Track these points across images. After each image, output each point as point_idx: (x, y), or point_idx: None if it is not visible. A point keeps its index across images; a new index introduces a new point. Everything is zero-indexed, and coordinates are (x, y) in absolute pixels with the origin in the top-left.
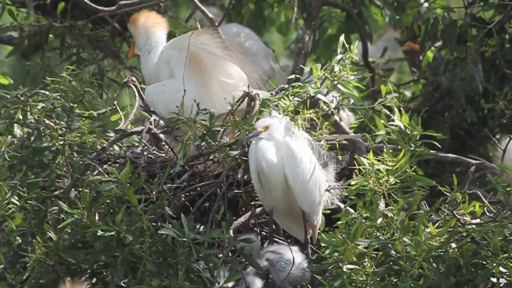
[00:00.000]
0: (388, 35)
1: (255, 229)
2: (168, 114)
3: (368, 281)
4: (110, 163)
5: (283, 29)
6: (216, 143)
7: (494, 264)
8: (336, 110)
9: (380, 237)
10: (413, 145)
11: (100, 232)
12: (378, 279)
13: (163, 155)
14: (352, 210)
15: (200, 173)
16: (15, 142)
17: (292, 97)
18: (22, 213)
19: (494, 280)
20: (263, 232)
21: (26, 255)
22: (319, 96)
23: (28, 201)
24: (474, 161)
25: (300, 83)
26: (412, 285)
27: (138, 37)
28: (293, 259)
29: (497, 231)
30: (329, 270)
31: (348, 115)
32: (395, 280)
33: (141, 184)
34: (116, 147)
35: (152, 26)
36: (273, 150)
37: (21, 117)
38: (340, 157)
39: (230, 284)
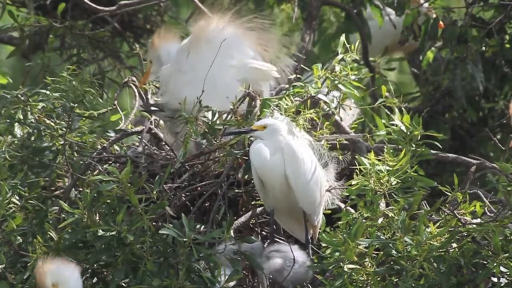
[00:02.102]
0: None
1: (255, 229)
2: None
3: (369, 281)
4: (110, 162)
5: (284, 25)
6: (217, 141)
7: (495, 264)
8: (336, 110)
9: (381, 236)
10: (414, 145)
11: (100, 232)
12: (379, 278)
13: (164, 154)
14: (352, 210)
15: (201, 172)
16: (16, 142)
17: (293, 97)
18: (22, 213)
19: (495, 279)
20: (263, 232)
21: (26, 255)
22: (319, 96)
23: (29, 201)
24: (474, 161)
25: (300, 83)
26: (413, 285)
27: (164, 53)
28: (294, 258)
29: (498, 231)
30: (330, 269)
31: (353, 114)
32: (396, 280)
33: (142, 184)
34: (116, 147)
35: (169, 39)
36: (266, 151)
37: (21, 117)
38: (340, 157)
39: (231, 283)
